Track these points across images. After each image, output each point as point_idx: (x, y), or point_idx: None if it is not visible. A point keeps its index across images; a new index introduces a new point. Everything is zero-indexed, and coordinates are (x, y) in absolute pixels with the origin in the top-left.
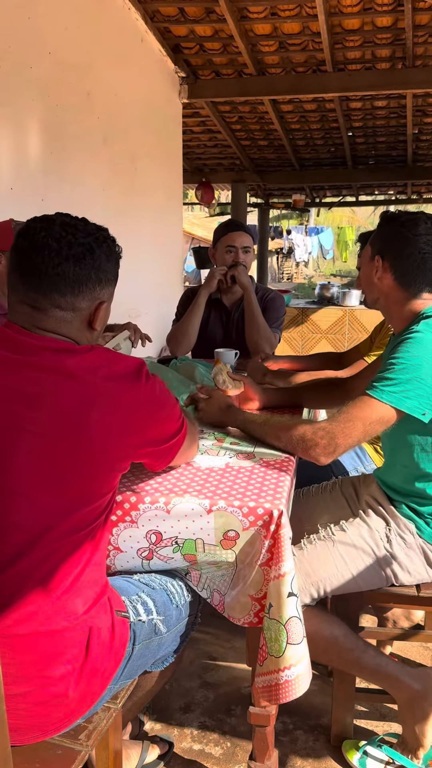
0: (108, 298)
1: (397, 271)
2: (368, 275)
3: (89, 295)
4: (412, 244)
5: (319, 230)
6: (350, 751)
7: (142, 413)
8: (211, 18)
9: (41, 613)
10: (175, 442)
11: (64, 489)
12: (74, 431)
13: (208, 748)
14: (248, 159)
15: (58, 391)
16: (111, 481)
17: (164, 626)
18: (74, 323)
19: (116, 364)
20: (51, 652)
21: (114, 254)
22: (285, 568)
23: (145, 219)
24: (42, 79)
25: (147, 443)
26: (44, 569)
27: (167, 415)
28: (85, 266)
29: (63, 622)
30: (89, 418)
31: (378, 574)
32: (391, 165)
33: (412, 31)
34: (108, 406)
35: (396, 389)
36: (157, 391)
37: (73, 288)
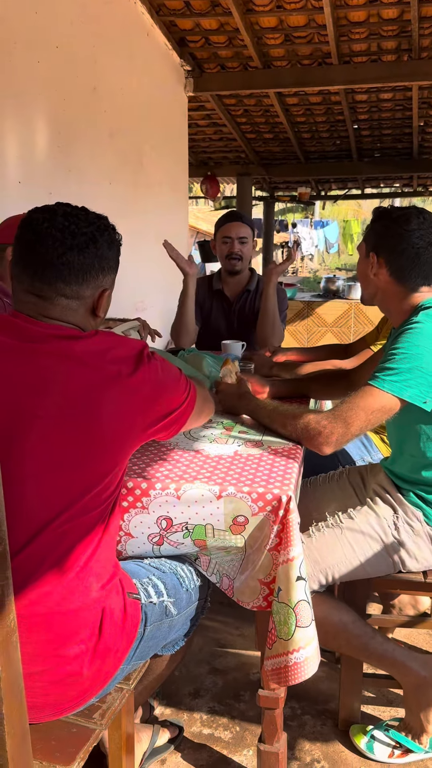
0: (110, 286)
1: (393, 266)
2: (364, 272)
3: (93, 283)
4: (406, 239)
5: (325, 223)
6: (358, 736)
7: (149, 393)
8: (217, 11)
9: (56, 594)
10: (183, 409)
11: (75, 472)
12: (85, 414)
13: (217, 732)
14: (253, 152)
15: (68, 376)
16: (121, 461)
17: (175, 608)
18: (79, 311)
19: (121, 347)
20: (65, 631)
21: (115, 242)
22: (293, 552)
23: (150, 212)
24: (49, 74)
25: (156, 420)
26: (58, 551)
27: (173, 389)
28: (88, 255)
29: (77, 603)
30: (99, 402)
31: (385, 561)
32: (396, 157)
33: (418, 23)
34: (116, 389)
35: (397, 378)
36: (160, 369)
37: (78, 276)
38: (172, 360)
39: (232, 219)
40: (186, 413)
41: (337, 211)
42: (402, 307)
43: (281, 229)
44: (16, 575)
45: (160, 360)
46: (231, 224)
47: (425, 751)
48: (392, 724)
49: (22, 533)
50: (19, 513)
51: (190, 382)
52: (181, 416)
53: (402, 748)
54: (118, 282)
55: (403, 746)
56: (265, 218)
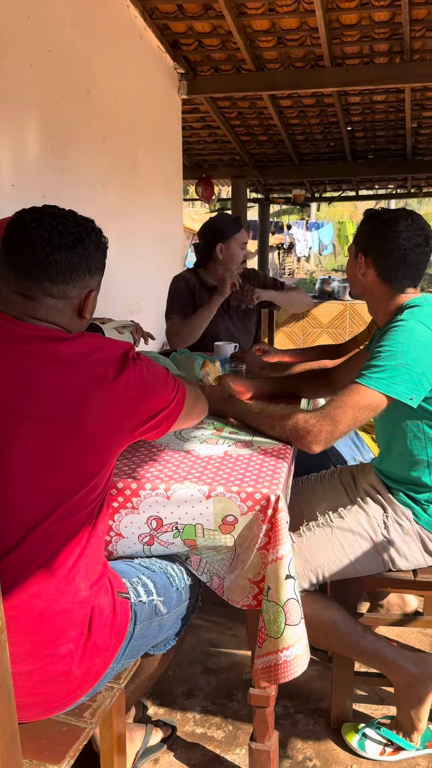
0: (96, 287)
1: (380, 267)
2: (353, 272)
3: (79, 283)
4: (393, 240)
5: (320, 225)
6: (349, 734)
7: (134, 395)
8: (210, 14)
9: (44, 595)
10: (172, 408)
11: (62, 473)
12: (71, 416)
13: (210, 732)
14: (248, 154)
15: (54, 377)
16: (108, 462)
17: (164, 607)
18: (65, 311)
19: (106, 348)
20: (55, 631)
21: (102, 244)
22: (282, 551)
23: (145, 215)
24: (42, 77)
25: (143, 421)
26: (46, 552)
27: (160, 389)
28: (76, 255)
29: (65, 603)
30: (85, 403)
31: (375, 560)
32: (390, 159)
33: (409, 26)
34: (101, 391)
35: (384, 375)
36: (145, 370)
37: (65, 276)
38: (164, 362)
39: (241, 225)
40: (175, 413)
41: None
42: (388, 308)
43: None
44: (5, 576)
45: (145, 361)
46: (244, 231)
47: (416, 749)
48: (384, 722)
49: (10, 535)
50: (7, 515)
51: (179, 382)
52: (169, 416)
53: (393, 745)
54: (112, 284)
55: (395, 744)
56: (260, 220)
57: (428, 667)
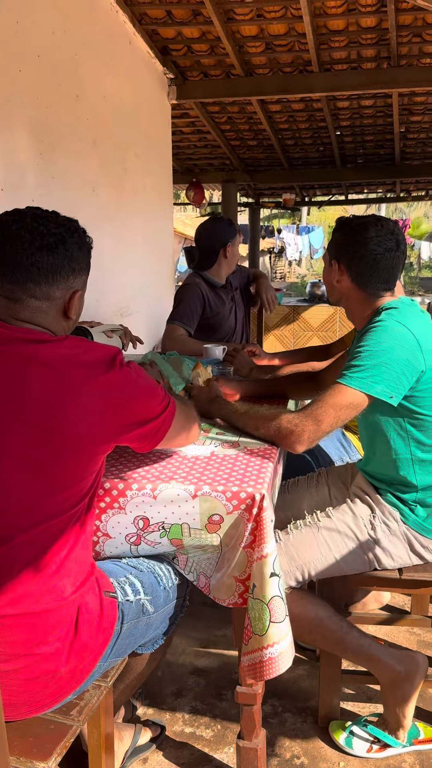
0: (82, 287)
1: (353, 272)
2: (328, 279)
3: (63, 284)
4: (364, 246)
5: (311, 229)
6: (337, 732)
7: (118, 397)
8: (198, 20)
9: (30, 595)
10: (160, 422)
11: (44, 474)
12: (50, 418)
13: (199, 731)
14: (238, 159)
15: (32, 379)
16: (92, 464)
17: (152, 606)
18: (50, 312)
19: (91, 352)
20: (41, 630)
21: (85, 244)
22: (267, 549)
23: (135, 219)
24: (31, 82)
25: (127, 426)
26: (31, 552)
27: (146, 397)
28: (57, 255)
29: (52, 603)
30: (65, 405)
31: (361, 559)
32: (379, 163)
33: (396, 32)
34: (83, 393)
35: (363, 375)
36: (133, 376)
37: (47, 277)
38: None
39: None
40: (163, 427)
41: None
42: (364, 312)
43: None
44: None
45: (135, 368)
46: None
47: (402, 746)
48: (371, 719)
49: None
50: None
51: (171, 398)
52: (158, 429)
53: (380, 743)
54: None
55: (381, 741)
56: (250, 224)
57: (413, 665)
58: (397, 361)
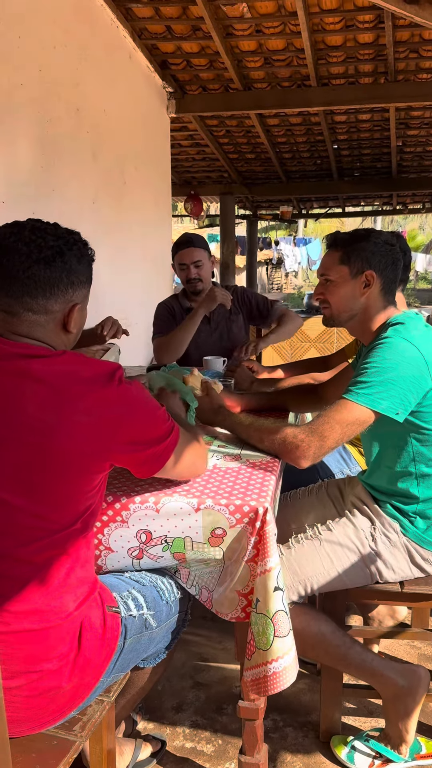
0: (82, 300)
1: (386, 281)
2: (350, 293)
3: (61, 297)
4: (393, 254)
5: (307, 241)
6: (338, 747)
7: (114, 415)
8: (198, 35)
9: (32, 612)
10: (161, 449)
11: (37, 493)
12: (44, 436)
13: (200, 746)
14: (236, 172)
15: (27, 397)
16: (87, 483)
17: (154, 621)
18: (48, 326)
19: (89, 367)
20: (43, 647)
21: (86, 256)
22: (271, 563)
23: (134, 231)
24: (32, 96)
25: (123, 446)
26: (30, 571)
27: (146, 417)
28: (55, 269)
29: (54, 619)
30: (59, 423)
31: (363, 572)
32: (376, 177)
33: (393, 47)
34: (77, 410)
35: (370, 391)
36: (133, 394)
37: (45, 290)
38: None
39: (184, 246)
40: (164, 454)
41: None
42: (374, 326)
43: (264, 247)
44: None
45: (136, 387)
46: (183, 252)
47: (405, 761)
48: (373, 734)
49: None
50: None
51: (175, 425)
52: (158, 455)
53: (382, 758)
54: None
55: (383, 756)
56: (248, 236)
57: (415, 679)
58: (404, 378)
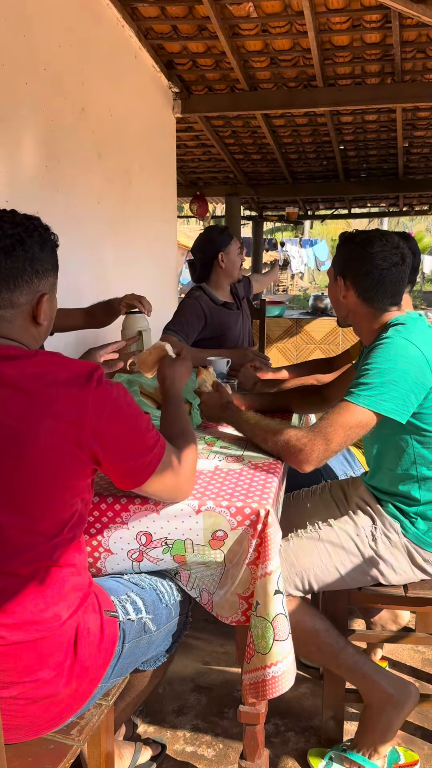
0: (50, 290)
1: (359, 288)
2: (334, 295)
3: (27, 288)
4: (369, 261)
5: (313, 242)
6: (314, 759)
7: (91, 418)
8: (204, 35)
9: (25, 624)
10: (146, 461)
11: (13, 505)
12: (17, 444)
13: (200, 750)
14: (242, 172)
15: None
16: (67, 492)
17: (154, 625)
18: (16, 321)
19: (64, 368)
20: (38, 657)
21: (49, 242)
22: (271, 566)
23: (139, 232)
24: (37, 96)
25: (103, 452)
26: (20, 583)
27: (127, 424)
28: (16, 258)
29: (47, 629)
30: (31, 430)
31: (362, 571)
32: (382, 178)
33: (400, 47)
34: (51, 414)
35: (372, 393)
36: (113, 397)
37: (8, 282)
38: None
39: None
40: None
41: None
42: (372, 327)
43: (270, 248)
44: None
45: (117, 388)
46: (235, 239)
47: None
48: (348, 745)
49: None
50: None
51: (161, 437)
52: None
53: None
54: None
55: (360, 766)
56: (254, 237)
57: (405, 693)
58: (406, 379)
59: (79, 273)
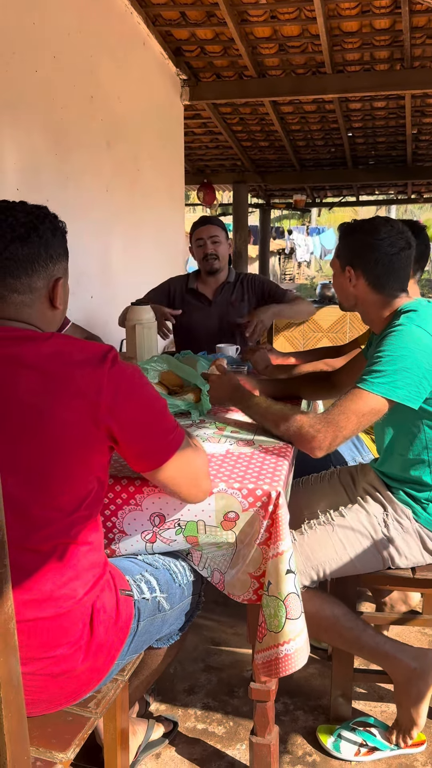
0: (63, 274)
1: (369, 276)
2: (342, 285)
3: (43, 273)
4: (378, 248)
5: (321, 230)
6: (324, 735)
7: (106, 396)
8: (212, 21)
9: (42, 601)
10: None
11: (35, 480)
12: (36, 422)
13: (211, 727)
14: (249, 160)
15: (18, 383)
16: (84, 468)
17: (167, 603)
18: (35, 305)
19: (79, 349)
20: (55, 634)
21: (59, 229)
22: (283, 546)
23: (147, 219)
24: (46, 83)
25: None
26: (38, 560)
27: (142, 400)
28: (32, 244)
29: (64, 606)
30: (51, 407)
31: (375, 558)
32: (390, 165)
33: (409, 33)
34: (69, 393)
35: (385, 380)
36: (127, 376)
37: (26, 268)
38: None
39: (202, 223)
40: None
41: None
42: (382, 315)
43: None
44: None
45: (132, 369)
46: (202, 227)
47: (391, 748)
48: (359, 722)
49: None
50: None
51: (179, 425)
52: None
53: (368, 746)
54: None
55: (369, 744)
56: (261, 225)
57: (427, 661)
58: (418, 366)
59: (88, 260)
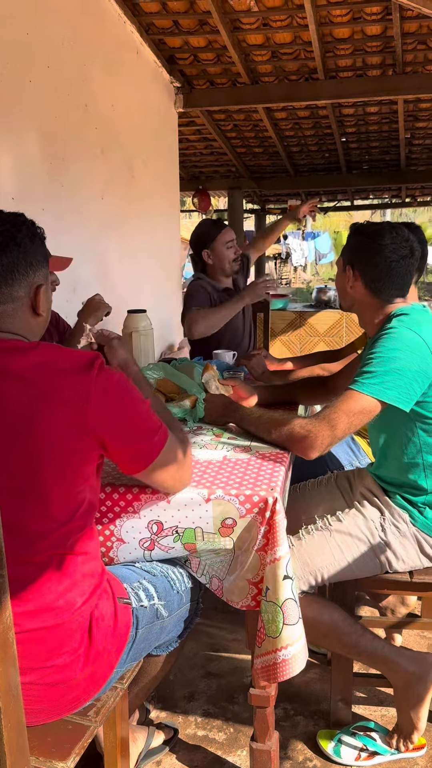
0: (44, 281)
1: (367, 279)
2: (342, 284)
3: (24, 281)
4: (379, 253)
5: (316, 235)
6: (324, 741)
7: (94, 404)
8: (205, 29)
9: (40, 612)
10: (149, 445)
11: (28, 492)
12: (25, 432)
13: (211, 734)
14: (244, 166)
15: (4, 393)
16: (77, 478)
17: (166, 611)
18: (17, 314)
19: (65, 358)
20: (53, 643)
21: (37, 235)
22: (280, 552)
23: (143, 226)
24: (41, 93)
25: (108, 437)
26: (34, 571)
27: (129, 408)
28: (11, 253)
29: (62, 616)
30: (40, 417)
31: (373, 562)
32: (384, 169)
33: (401, 39)
34: (58, 402)
35: (376, 381)
36: (114, 383)
37: (6, 278)
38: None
39: (222, 226)
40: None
41: (328, 223)
42: (377, 318)
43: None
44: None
45: (118, 376)
46: (226, 230)
47: (391, 753)
48: (359, 727)
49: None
50: None
51: (163, 424)
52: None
53: (368, 750)
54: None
55: (370, 749)
56: (256, 231)
57: (426, 665)
58: (409, 368)
59: (83, 268)
